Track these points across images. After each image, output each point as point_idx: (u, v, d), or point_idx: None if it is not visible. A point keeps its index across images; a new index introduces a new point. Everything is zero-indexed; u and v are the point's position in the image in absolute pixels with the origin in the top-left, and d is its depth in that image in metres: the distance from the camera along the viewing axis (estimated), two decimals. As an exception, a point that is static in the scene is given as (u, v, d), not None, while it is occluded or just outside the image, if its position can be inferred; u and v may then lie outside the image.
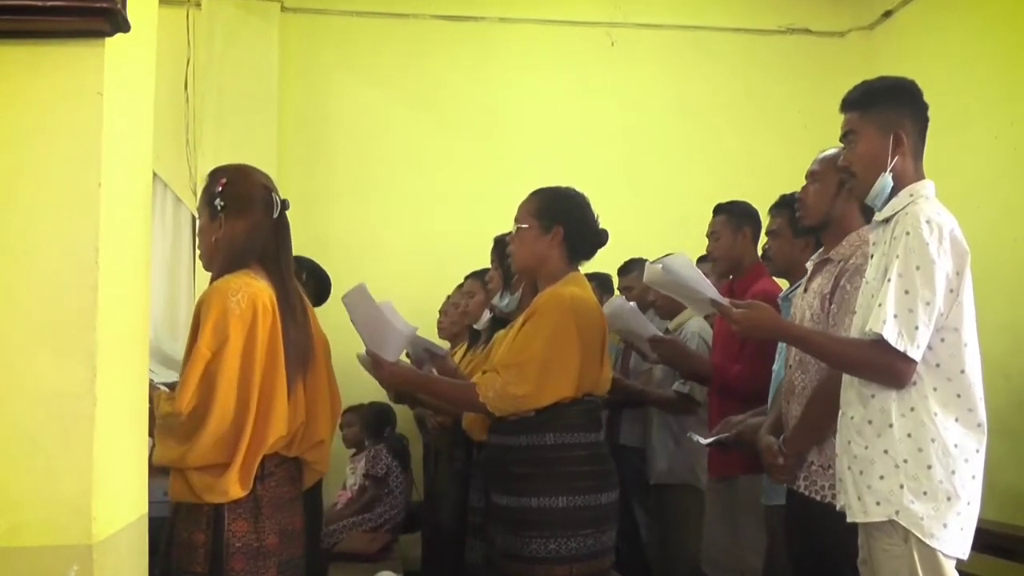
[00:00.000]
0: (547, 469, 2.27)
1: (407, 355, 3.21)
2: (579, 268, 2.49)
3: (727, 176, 5.20)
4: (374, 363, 2.36)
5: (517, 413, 2.28)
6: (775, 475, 2.22)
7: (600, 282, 4.27)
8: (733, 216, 3.21)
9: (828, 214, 2.30)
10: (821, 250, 2.34)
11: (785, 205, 2.81)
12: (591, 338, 2.34)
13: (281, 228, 2.10)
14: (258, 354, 1.93)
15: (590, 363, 2.33)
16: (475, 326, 3.59)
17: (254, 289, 1.98)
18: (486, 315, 3.40)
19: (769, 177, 4.89)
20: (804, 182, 2.41)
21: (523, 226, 2.45)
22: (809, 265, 2.34)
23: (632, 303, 3.25)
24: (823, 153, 2.35)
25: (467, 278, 4.21)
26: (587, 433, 2.33)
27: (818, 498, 2.13)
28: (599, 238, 2.46)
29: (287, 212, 2.13)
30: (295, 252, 2.20)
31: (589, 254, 2.48)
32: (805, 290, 2.31)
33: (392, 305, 2.37)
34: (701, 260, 3.55)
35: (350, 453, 4.60)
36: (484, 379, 2.31)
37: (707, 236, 3.28)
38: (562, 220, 2.42)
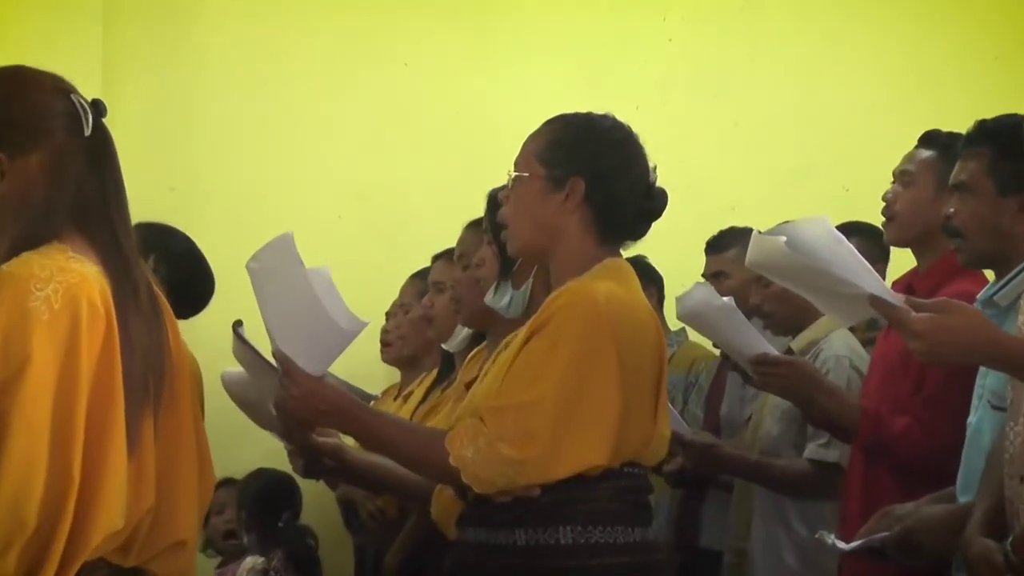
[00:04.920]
0: (562, 588, 2.31)
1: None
2: (620, 252, 2.52)
3: (882, 104, 5.22)
4: (285, 374, 2.36)
5: (512, 490, 2.30)
6: None
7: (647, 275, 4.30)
8: (948, 161, 3.10)
9: None
10: None
11: (987, 138, 2.77)
12: (640, 369, 2.36)
13: (101, 154, 2.10)
14: (81, 389, 1.93)
15: (638, 410, 2.35)
16: (446, 346, 3.61)
17: (75, 278, 1.97)
18: (463, 328, 3.42)
19: (952, 101, 4.95)
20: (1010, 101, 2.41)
21: (522, 175, 2.48)
22: None
23: (728, 298, 3.27)
24: None
25: (410, 279, 4.22)
26: (628, 528, 2.36)
27: None
28: (650, 203, 2.49)
29: (106, 126, 2.12)
30: (136, 218, 2.20)
31: (635, 228, 2.52)
32: None
33: (330, 276, 2.39)
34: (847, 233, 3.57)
35: (215, 563, 4.64)
36: (461, 429, 2.33)
37: (894, 176, 3.27)
38: (584, 168, 2.45)
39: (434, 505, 2.68)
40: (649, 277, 4.39)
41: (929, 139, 3.26)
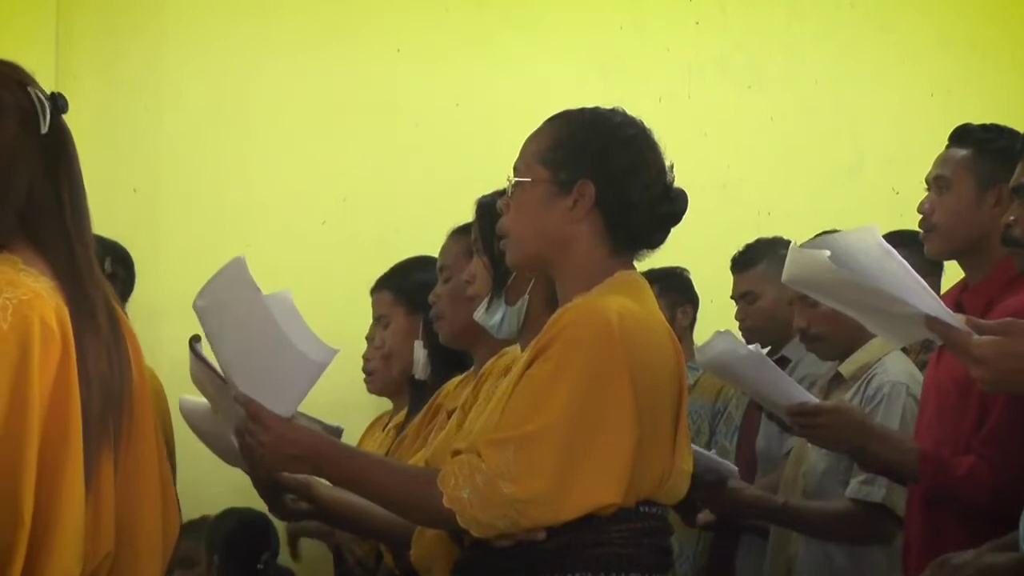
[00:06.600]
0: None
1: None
2: (634, 263, 2.56)
3: (941, 92, 5.25)
4: (252, 419, 2.38)
5: (515, 533, 2.31)
6: None
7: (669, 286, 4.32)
8: (986, 157, 3.17)
9: None
10: None
11: None
12: (657, 395, 2.39)
13: (58, 155, 2.12)
14: (32, 420, 1.93)
15: (655, 441, 2.37)
16: (416, 375, 3.63)
17: (26, 293, 1.98)
18: (420, 352, 3.48)
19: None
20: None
21: (523, 180, 2.52)
22: None
23: (754, 346, 3.27)
24: None
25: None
26: (646, 575, 2.39)
27: None
28: (668, 206, 2.53)
29: (66, 124, 2.14)
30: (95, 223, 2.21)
31: (651, 236, 2.55)
32: None
33: (292, 300, 2.39)
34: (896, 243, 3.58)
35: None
36: (455, 466, 2.34)
37: (928, 183, 3.28)
38: (593, 170, 2.48)
39: (414, 547, 2.67)
40: (685, 294, 4.41)
41: (961, 136, 3.25)
